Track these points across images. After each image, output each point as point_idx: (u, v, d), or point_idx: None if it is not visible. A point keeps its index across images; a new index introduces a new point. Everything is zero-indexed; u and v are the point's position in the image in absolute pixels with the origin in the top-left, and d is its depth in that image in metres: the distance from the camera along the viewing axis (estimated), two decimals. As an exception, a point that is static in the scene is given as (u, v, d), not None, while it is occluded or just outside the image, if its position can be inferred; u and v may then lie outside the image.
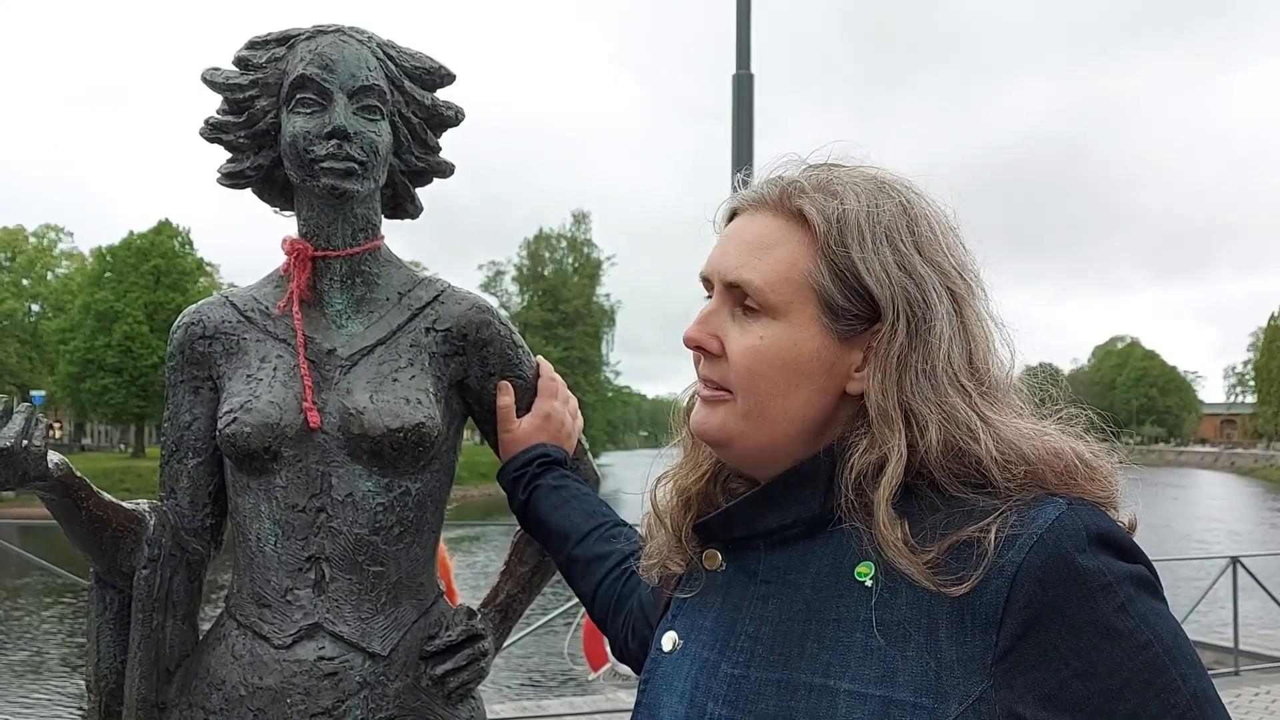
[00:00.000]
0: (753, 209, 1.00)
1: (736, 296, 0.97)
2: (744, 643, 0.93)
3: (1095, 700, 0.79)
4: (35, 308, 53.35)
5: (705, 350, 0.99)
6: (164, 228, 45.85)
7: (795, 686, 0.87)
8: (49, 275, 54.35)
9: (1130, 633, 0.80)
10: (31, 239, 54.44)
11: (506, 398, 1.64)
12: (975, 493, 0.87)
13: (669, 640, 1.01)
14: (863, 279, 0.91)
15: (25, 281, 53.08)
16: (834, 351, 0.93)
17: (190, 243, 47.42)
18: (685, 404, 1.09)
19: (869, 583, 0.88)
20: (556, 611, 6.89)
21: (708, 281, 1.02)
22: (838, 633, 0.87)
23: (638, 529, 1.45)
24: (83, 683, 1.61)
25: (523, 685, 10.32)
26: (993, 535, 0.82)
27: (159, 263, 44.09)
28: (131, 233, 45.61)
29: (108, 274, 44.58)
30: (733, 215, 1.03)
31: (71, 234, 62.13)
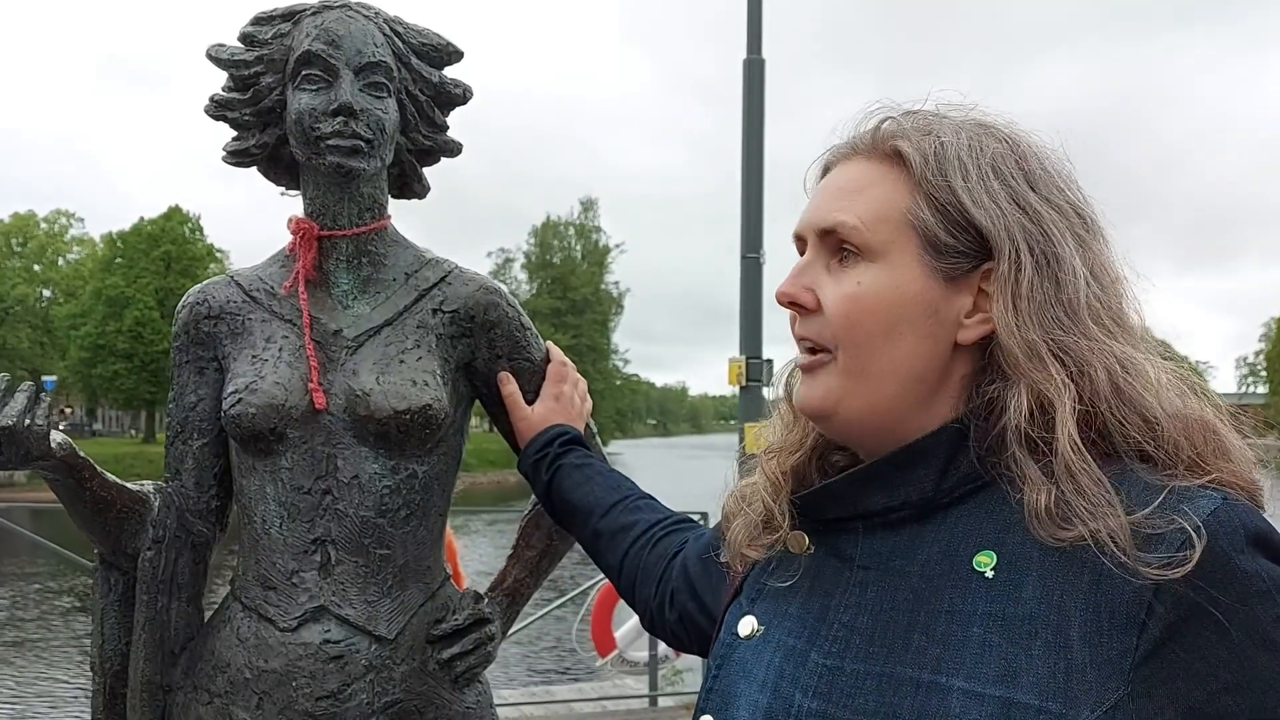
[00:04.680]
0: (845, 159, 0.94)
1: (831, 245, 0.91)
2: (838, 632, 0.87)
3: (1245, 716, 0.72)
4: (46, 293, 53.55)
5: (800, 305, 0.91)
6: (174, 213, 45.93)
7: (900, 681, 0.80)
8: (60, 261, 54.52)
9: None
10: (42, 224, 54.59)
11: (510, 386, 1.62)
12: (1138, 459, 0.79)
13: (747, 625, 0.95)
14: (968, 212, 0.85)
15: (36, 267, 53.26)
16: (939, 293, 0.86)
17: (200, 229, 47.52)
18: (786, 376, 1.01)
19: (989, 573, 0.80)
20: (565, 597, 6.89)
21: (801, 241, 0.95)
22: (951, 626, 0.80)
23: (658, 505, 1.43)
24: (88, 664, 1.60)
25: (530, 670, 10.36)
26: (1191, 524, 0.73)
27: (169, 248, 44.18)
28: (142, 218, 45.75)
29: (118, 260, 44.74)
30: (824, 174, 0.97)
31: (82, 220, 62.52)
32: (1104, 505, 0.76)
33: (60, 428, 1.47)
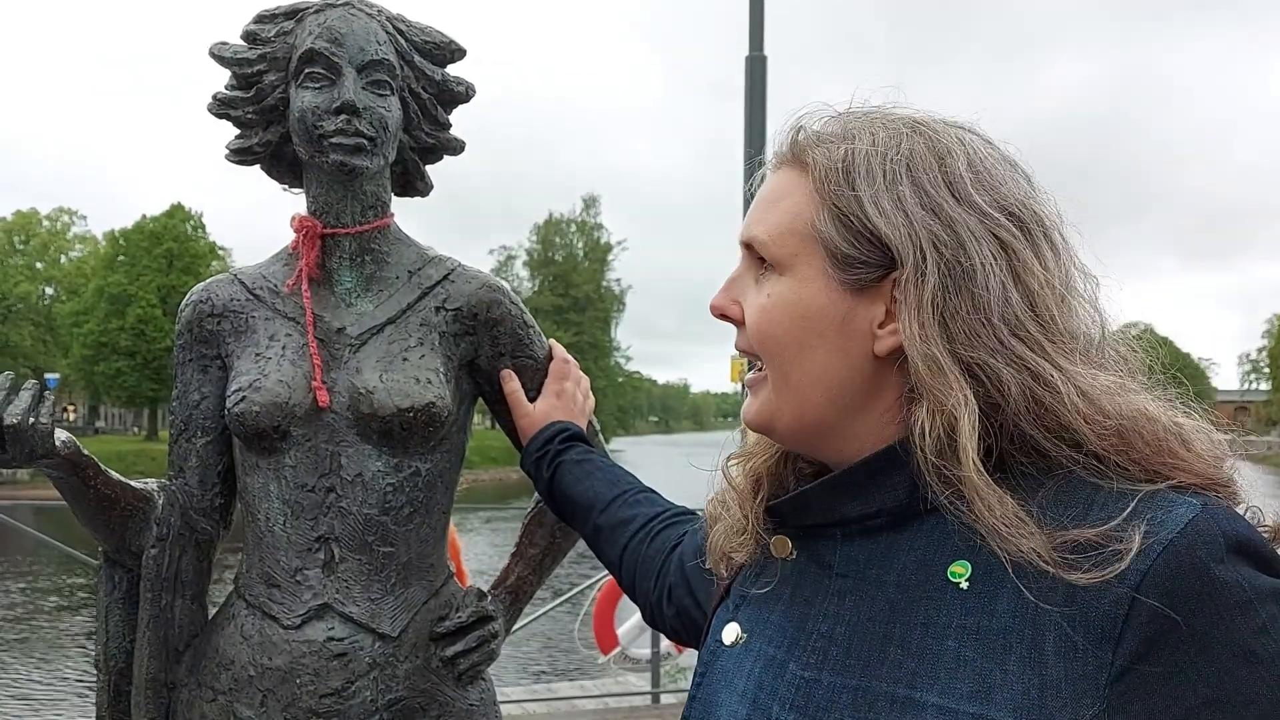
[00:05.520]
0: (775, 167, 0.94)
1: (756, 257, 0.91)
2: (816, 642, 0.85)
3: None
4: (49, 291, 53.66)
5: (728, 318, 0.93)
6: (176, 211, 46.02)
7: (875, 696, 0.78)
8: (62, 258, 54.63)
9: (1272, 659, 0.69)
10: (45, 222, 54.69)
11: (512, 383, 1.62)
12: (1084, 460, 0.76)
13: (731, 633, 0.93)
14: (871, 220, 0.82)
15: (39, 265, 53.36)
16: (845, 306, 0.84)
17: (203, 226, 47.63)
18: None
19: (964, 584, 0.77)
20: (562, 598, 6.90)
21: None
22: (925, 639, 0.77)
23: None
24: (92, 661, 1.60)
25: (532, 668, 10.36)
26: (1137, 541, 0.70)
27: (172, 246, 44.26)
28: (144, 216, 45.84)
29: (121, 257, 44.81)
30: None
31: (85, 217, 62.41)
32: (1016, 525, 0.73)
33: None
